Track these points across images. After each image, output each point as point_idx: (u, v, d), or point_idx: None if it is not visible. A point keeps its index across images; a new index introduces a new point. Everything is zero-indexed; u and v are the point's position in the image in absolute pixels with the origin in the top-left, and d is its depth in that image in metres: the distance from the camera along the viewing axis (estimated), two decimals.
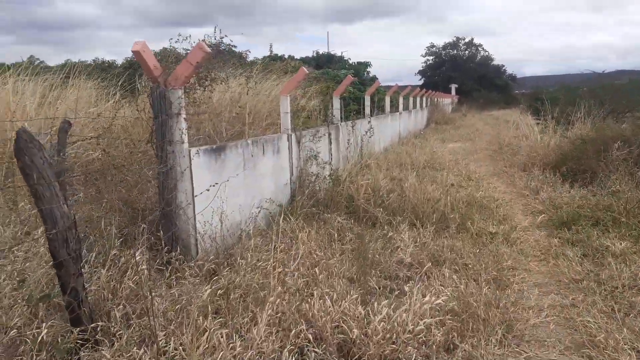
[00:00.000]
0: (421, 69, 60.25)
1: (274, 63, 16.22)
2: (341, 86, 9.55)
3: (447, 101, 38.63)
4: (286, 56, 28.83)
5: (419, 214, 6.80)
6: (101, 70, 10.68)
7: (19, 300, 3.28)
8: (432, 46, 60.00)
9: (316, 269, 4.42)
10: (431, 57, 59.82)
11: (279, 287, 3.53)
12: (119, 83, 7.82)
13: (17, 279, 3.38)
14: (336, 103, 9.65)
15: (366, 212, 6.76)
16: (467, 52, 59.07)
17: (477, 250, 5.80)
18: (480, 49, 59.12)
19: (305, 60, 30.32)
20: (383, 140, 14.44)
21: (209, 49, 4.35)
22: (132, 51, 4.12)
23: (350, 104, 18.33)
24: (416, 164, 11.66)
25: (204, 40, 4.52)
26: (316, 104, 10.21)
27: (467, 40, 59.05)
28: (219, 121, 8.12)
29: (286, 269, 3.87)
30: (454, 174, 10.63)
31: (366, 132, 10.71)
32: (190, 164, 4.58)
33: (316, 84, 13.45)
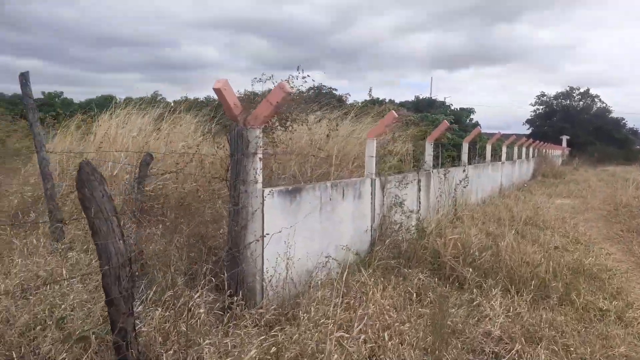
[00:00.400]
0: (529, 117, 57.28)
1: (373, 106, 16.11)
2: (435, 131, 9.06)
3: (557, 153, 36.02)
4: (386, 100, 28.84)
5: (514, 279, 6.02)
6: (203, 106, 11.21)
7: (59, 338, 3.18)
8: (543, 95, 56.98)
9: (386, 334, 3.93)
10: (541, 107, 56.75)
11: (335, 355, 3.10)
12: (213, 119, 8.07)
13: (57, 315, 3.30)
14: (429, 149, 9.15)
15: (453, 271, 6.12)
16: (581, 102, 55.28)
17: (582, 329, 4.93)
18: (596, 99, 55.09)
19: (404, 104, 30.04)
20: (481, 191, 13.54)
21: (289, 89, 4.19)
22: (214, 89, 4.06)
23: (449, 151, 17.61)
24: (516, 220, 10.67)
25: (287, 80, 4.39)
26: (410, 148, 9.79)
27: (582, 90, 55.36)
28: (306, 162, 8.01)
29: (347, 334, 3.44)
30: (560, 234, 9.53)
31: (460, 182, 10.01)
32: (263, 205, 4.38)
33: (414, 128, 13.07)
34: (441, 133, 9.18)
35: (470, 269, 6.08)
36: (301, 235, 5.04)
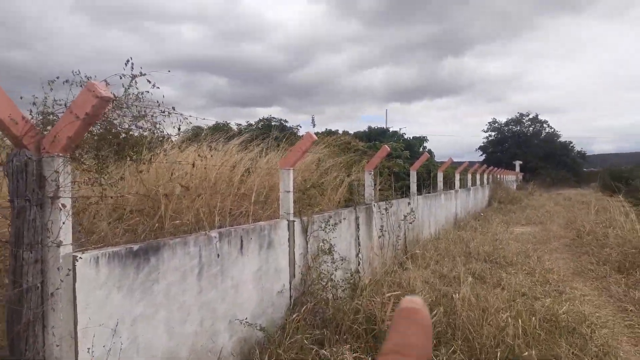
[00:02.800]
0: (482, 144, 57.72)
1: (325, 137, 14.77)
2: (374, 158, 7.65)
3: (511, 178, 35.71)
4: (340, 131, 27.72)
5: (474, 348, 4.52)
6: None
7: None
8: (494, 122, 57.68)
9: None
10: (493, 133, 57.37)
11: None
12: None
13: None
14: (368, 179, 7.70)
15: None
16: (531, 128, 56.22)
17: None
18: (545, 125, 56.15)
19: (357, 135, 29.06)
20: (434, 223, 12.21)
21: (104, 91, 2.61)
22: None
23: (403, 180, 16.33)
24: (474, 256, 9.30)
25: (105, 81, 2.80)
26: (347, 178, 8.31)
27: (531, 116, 56.40)
28: (216, 202, 6.36)
29: None
30: (525, 272, 8.18)
31: (405, 217, 8.58)
32: (74, 280, 2.71)
33: (365, 158, 11.70)
34: (380, 160, 7.76)
35: None
36: (160, 319, 3.37)
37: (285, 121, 25.56)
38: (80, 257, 2.74)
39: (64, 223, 2.68)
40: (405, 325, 0.53)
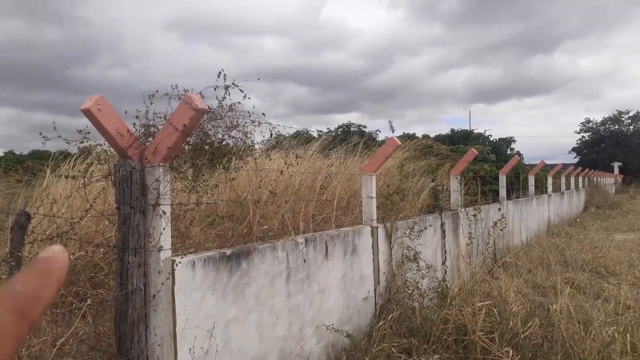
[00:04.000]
0: (575, 145, 54.04)
1: (405, 141, 14.62)
2: (460, 162, 7.40)
3: (609, 181, 33.05)
4: (419, 135, 27.19)
5: None
6: None
7: None
8: (588, 121, 53.77)
9: None
10: (587, 134, 53.52)
11: None
12: None
13: None
14: (454, 184, 7.46)
15: (486, 354, 4.36)
16: (631, 127, 51.70)
17: None
18: None
19: (439, 138, 28.33)
20: (525, 229, 11.57)
21: (200, 104, 2.74)
22: (82, 110, 2.67)
23: (491, 184, 15.62)
24: (570, 265, 8.69)
25: (200, 94, 2.94)
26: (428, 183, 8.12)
27: (631, 113, 51.88)
28: (300, 208, 6.48)
29: None
30: (629, 282, 7.51)
31: (495, 223, 8.19)
32: (173, 283, 2.87)
33: (449, 162, 11.37)
34: (467, 164, 7.50)
35: (511, 350, 4.31)
36: (251, 322, 3.47)
37: (364, 126, 25.51)
38: (180, 262, 2.89)
39: (164, 229, 2.84)
40: (33, 273, 0.48)
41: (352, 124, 25.84)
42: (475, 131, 31.96)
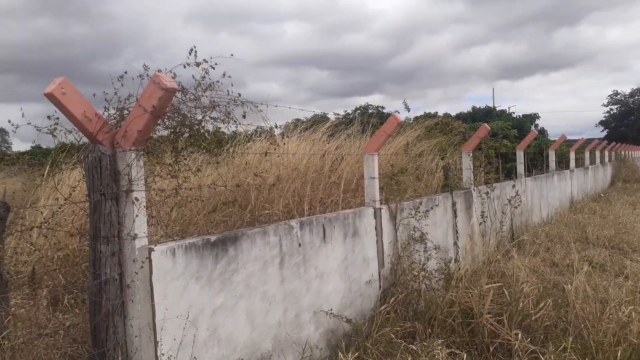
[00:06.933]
0: (603, 119, 52.42)
1: (423, 120, 14.26)
2: (472, 139, 7.11)
3: (638, 155, 31.93)
4: (441, 114, 26.57)
5: (589, 346, 3.98)
6: None
7: None
8: (616, 94, 52.06)
9: None
10: (615, 106, 51.83)
11: None
12: None
13: None
14: (465, 161, 7.18)
15: (495, 337, 4.16)
16: None
17: None
18: None
19: (460, 116, 27.72)
20: (546, 206, 11.20)
21: (170, 82, 2.58)
22: (45, 94, 2.54)
23: (513, 162, 15.13)
24: (592, 242, 8.36)
25: (170, 72, 2.78)
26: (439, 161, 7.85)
27: None
28: (306, 191, 6.32)
29: None
30: None
31: (509, 200, 7.89)
32: (151, 272, 2.75)
33: (466, 140, 10.98)
34: (479, 140, 7.20)
35: (520, 333, 4.10)
36: (241, 309, 3.35)
37: (383, 107, 25.07)
38: (154, 249, 2.77)
39: (137, 216, 2.72)
40: None
41: (370, 105, 25.44)
42: (498, 108, 31.14)
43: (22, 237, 3.44)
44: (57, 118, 2.75)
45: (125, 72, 2.81)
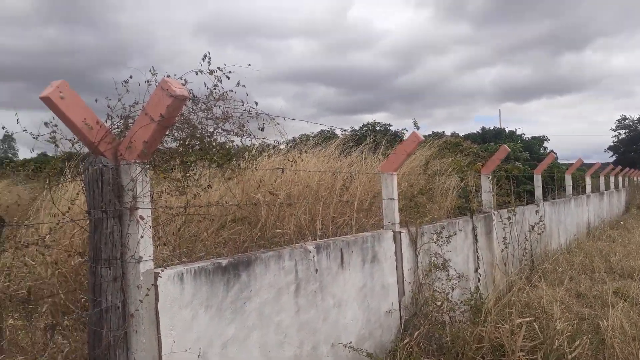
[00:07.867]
0: (612, 144, 51.94)
1: (433, 140, 14.00)
2: (492, 160, 6.79)
3: None
4: (448, 133, 26.26)
5: None
6: None
7: None
8: (624, 119, 51.66)
9: None
10: (624, 131, 51.40)
11: None
12: None
13: None
14: (485, 184, 6.85)
15: None
16: None
17: None
18: None
19: (469, 137, 27.40)
20: (564, 232, 10.80)
21: (180, 89, 2.30)
22: (41, 98, 2.26)
23: (524, 184, 14.77)
24: (617, 273, 7.95)
25: (180, 79, 2.51)
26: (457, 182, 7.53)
27: None
28: (318, 210, 6.00)
29: None
30: None
31: (533, 227, 7.53)
32: (157, 299, 2.43)
33: (478, 161, 10.69)
34: (499, 161, 6.89)
35: None
36: (254, 341, 3.01)
37: (390, 125, 24.78)
38: (161, 275, 2.45)
39: (142, 236, 2.41)
40: None
41: (378, 123, 25.18)
42: (507, 129, 30.82)
43: (16, 255, 3.14)
44: (55, 125, 2.46)
45: (131, 77, 2.53)
